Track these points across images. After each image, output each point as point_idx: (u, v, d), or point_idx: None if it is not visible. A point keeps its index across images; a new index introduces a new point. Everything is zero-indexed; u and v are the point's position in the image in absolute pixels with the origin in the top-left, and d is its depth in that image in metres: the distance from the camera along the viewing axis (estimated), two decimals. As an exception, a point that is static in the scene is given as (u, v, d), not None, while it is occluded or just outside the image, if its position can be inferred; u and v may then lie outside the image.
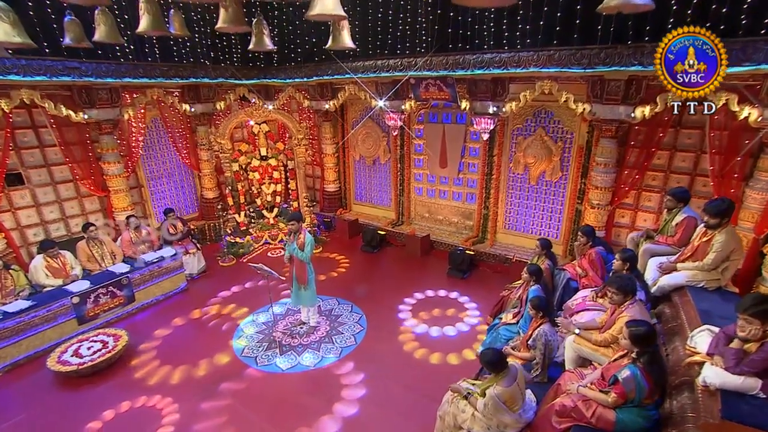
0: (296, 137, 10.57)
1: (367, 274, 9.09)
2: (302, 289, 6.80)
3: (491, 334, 6.34)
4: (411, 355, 6.53)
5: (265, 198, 10.91)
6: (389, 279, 8.77)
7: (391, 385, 5.91)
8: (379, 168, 11.00)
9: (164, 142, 10.37)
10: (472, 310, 7.65)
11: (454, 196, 9.95)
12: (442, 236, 9.95)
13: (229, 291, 8.52)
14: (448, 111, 9.48)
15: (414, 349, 6.67)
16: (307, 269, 6.71)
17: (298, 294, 6.85)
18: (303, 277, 6.71)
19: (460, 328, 7.18)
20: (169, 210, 9.02)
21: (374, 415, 5.38)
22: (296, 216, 6.61)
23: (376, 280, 8.83)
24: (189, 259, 8.89)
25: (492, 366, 4.27)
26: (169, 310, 7.94)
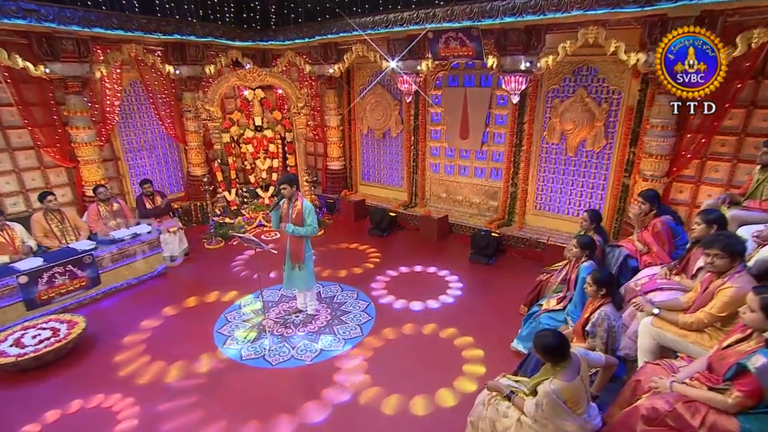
0: (296, 105, 9.67)
1: (380, 259, 8.19)
2: (297, 268, 5.85)
3: (529, 325, 5.43)
4: (429, 346, 5.58)
5: (260, 175, 10.08)
6: (401, 264, 7.81)
7: (405, 385, 4.93)
8: (390, 142, 10.18)
9: (145, 110, 9.55)
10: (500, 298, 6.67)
11: (477, 173, 9.07)
12: (461, 219, 9.05)
13: (215, 276, 7.65)
14: (471, 72, 8.60)
15: (434, 339, 5.69)
16: (305, 245, 5.79)
17: (291, 275, 5.93)
18: (299, 254, 5.79)
19: (488, 319, 6.22)
20: (146, 181, 8.18)
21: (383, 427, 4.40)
22: (290, 178, 5.68)
23: (385, 264, 7.92)
24: (169, 239, 8.01)
25: (551, 353, 3.30)
26: (144, 296, 7.06)
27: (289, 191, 5.62)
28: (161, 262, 7.73)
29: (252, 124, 9.78)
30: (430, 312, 6.40)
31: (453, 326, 6.02)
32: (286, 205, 5.72)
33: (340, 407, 4.66)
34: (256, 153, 9.90)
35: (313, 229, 5.67)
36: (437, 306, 6.55)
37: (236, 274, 7.72)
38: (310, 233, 5.68)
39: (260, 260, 5.72)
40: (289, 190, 5.62)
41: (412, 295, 6.78)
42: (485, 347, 5.58)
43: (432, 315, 6.33)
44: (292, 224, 5.62)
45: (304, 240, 5.79)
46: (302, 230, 5.62)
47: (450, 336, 5.83)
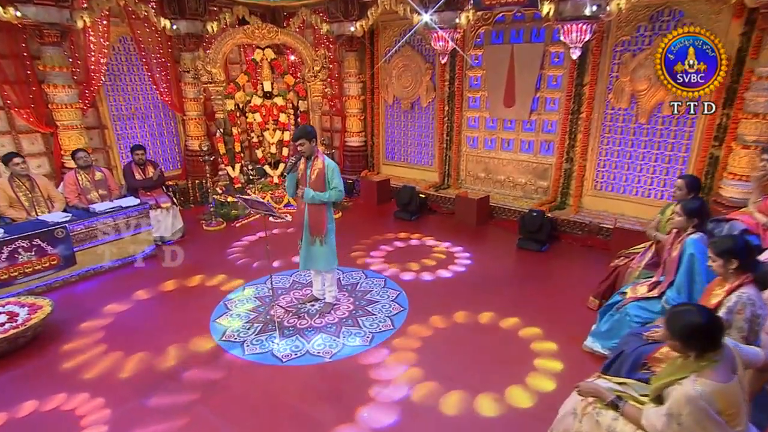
0: (311, 69, 8.92)
1: (406, 247, 7.37)
2: (318, 243, 5.03)
3: (609, 318, 4.56)
4: (480, 345, 4.73)
5: (268, 149, 9.28)
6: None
7: (459, 382, 4.05)
8: (420, 114, 9.42)
9: (137, 71, 8.78)
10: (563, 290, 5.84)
11: (523, 147, 8.25)
12: (504, 202, 8.24)
13: (213, 259, 6.87)
14: (519, 25, 7.77)
15: (484, 338, 4.83)
16: (327, 214, 5.01)
17: (310, 252, 5.12)
18: (319, 225, 5.00)
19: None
20: (139, 147, 7.42)
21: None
22: (308, 131, 4.86)
23: (419, 250, 7.12)
24: (161, 216, 7.27)
25: (700, 337, 2.43)
26: (128, 279, 6.29)
27: (308, 148, 4.82)
28: (150, 243, 6.95)
29: (260, 89, 9.02)
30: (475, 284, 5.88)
31: (514, 316, 5.17)
32: (304, 164, 4.93)
33: (380, 409, 3.76)
34: (264, 123, 9.13)
35: (339, 193, 4.90)
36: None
37: (241, 257, 6.93)
38: (335, 198, 4.91)
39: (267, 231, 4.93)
40: (308, 147, 4.82)
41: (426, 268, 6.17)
42: (556, 340, 4.76)
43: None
44: (311, 188, 4.81)
45: (326, 208, 5.00)
46: (324, 195, 4.84)
47: (512, 326, 4.99)
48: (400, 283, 6.07)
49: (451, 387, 4.09)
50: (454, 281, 6.15)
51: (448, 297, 5.70)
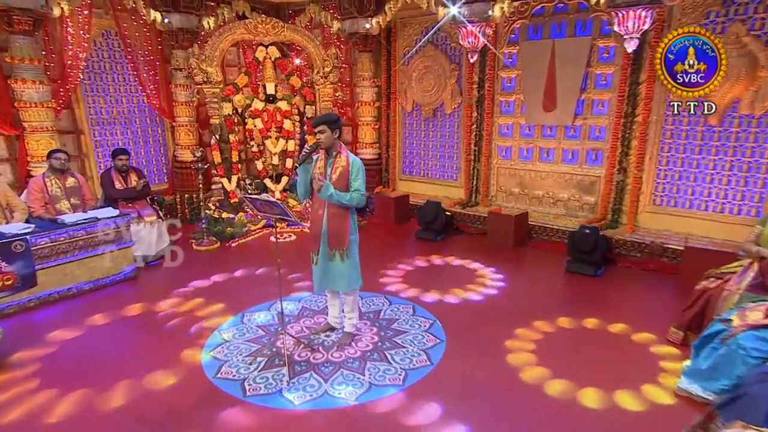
0: (321, 69, 8.53)
1: (433, 269, 6.73)
2: (337, 257, 4.39)
3: (711, 353, 3.89)
4: (533, 387, 4.00)
5: (269, 160, 8.78)
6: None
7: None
8: (443, 121, 8.99)
9: (121, 70, 8.31)
10: (632, 323, 5.09)
11: (566, 157, 7.72)
12: (545, 220, 7.68)
13: (207, 281, 6.21)
14: (561, 18, 7.30)
15: (539, 378, 4.11)
16: (350, 222, 4.40)
17: (328, 269, 4.46)
18: (341, 235, 4.37)
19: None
20: (122, 151, 6.84)
21: None
22: (331, 118, 4.30)
23: (448, 274, 6.50)
24: (144, 232, 6.62)
25: None
26: (101, 304, 5.57)
27: (328, 138, 4.21)
28: (130, 262, 6.28)
29: (262, 92, 8.56)
30: (526, 312, 5.22)
31: (545, 365, 4.39)
32: (323, 160, 4.34)
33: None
34: (265, 131, 8.62)
35: (360, 197, 4.30)
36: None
37: (239, 281, 6.29)
38: (356, 203, 4.31)
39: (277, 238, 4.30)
40: (329, 136, 4.21)
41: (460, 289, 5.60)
42: (635, 381, 4.01)
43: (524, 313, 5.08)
44: (331, 186, 4.21)
45: (349, 214, 4.39)
46: (345, 196, 4.23)
47: (538, 378, 4.17)
48: (432, 310, 5.38)
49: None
50: (497, 309, 5.46)
51: (491, 328, 5.00)
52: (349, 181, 4.25)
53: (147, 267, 6.61)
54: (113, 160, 6.76)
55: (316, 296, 5.61)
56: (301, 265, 6.20)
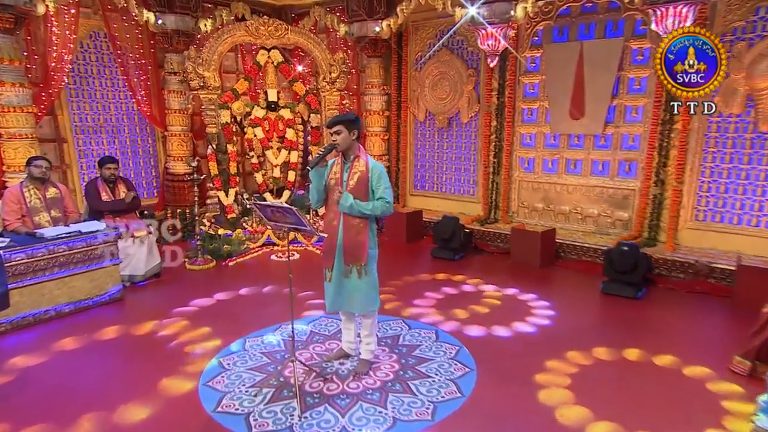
0: (327, 75, 8.33)
1: (454, 292, 6.44)
2: (354, 274, 4.11)
3: None
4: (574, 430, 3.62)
5: (270, 172, 8.52)
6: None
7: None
8: (459, 131, 8.87)
9: (110, 75, 8.23)
10: (679, 353, 4.74)
11: (595, 168, 7.52)
12: (573, 238, 7.45)
13: (203, 302, 5.91)
14: (590, 18, 7.18)
15: (579, 420, 3.73)
16: (368, 234, 4.11)
17: (343, 287, 4.16)
18: (358, 249, 4.08)
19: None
20: (110, 159, 6.58)
21: None
22: (349, 117, 4.08)
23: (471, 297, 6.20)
24: (132, 248, 6.32)
25: None
26: (77, 327, 5.23)
27: (346, 139, 3.97)
28: (116, 281, 5.95)
29: (263, 99, 8.34)
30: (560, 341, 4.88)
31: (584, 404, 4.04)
32: (339, 164, 4.10)
33: None
34: (266, 141, 8.36)
35: (386, 206, 4.03)
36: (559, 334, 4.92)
37: (242, 302, 5.99)
38: (381, 212, 4.03)
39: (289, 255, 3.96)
40: (346, 137, 3.97)
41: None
42: (699, 419, 3.66)
43: (564, 342, 4.74)
44: (351, 195, 3.97)
45: (368, 226, 4.10)
46: (367, 206, 3.98)
47: (579, 420, 3.78)
48: (458, 336, 5.05)
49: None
50: (529, 335, 5.14)
51: (526, 356, 4.67)
52: (370, 189, 4.01)
53: (134, 288, 6.30)
54: (100, 168, 6.47)
55: (327, 319, 5.31)
56: (307, 285, 5.98)
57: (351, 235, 4.03)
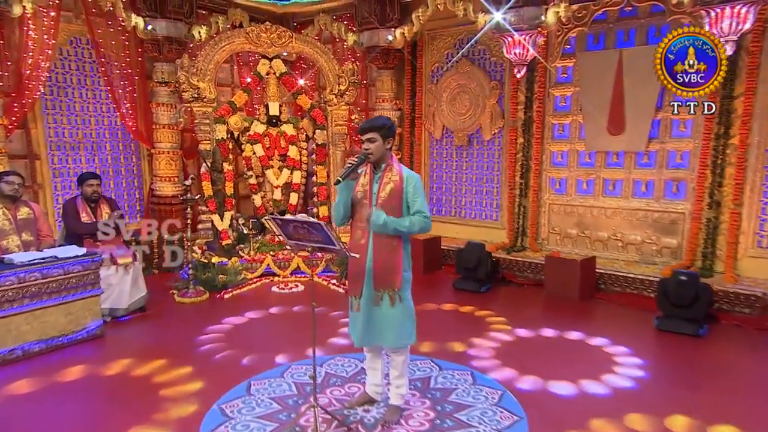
0: (335, 87, 8.22)
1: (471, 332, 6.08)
2: (385, 302, 3.81)
3: None
4: None
5: (270, 194, 8.38)
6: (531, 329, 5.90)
7: None
8: (480, 150, 8.80)
9: (91, 85, 8.09)
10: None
11: (638, 190, 7.36)
12: (614, 268, 7.21)
13: (197, 339, 5.61)
14: (629, 24, 7.10)
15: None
16: (403, 256, 3.84)
17: (372, 316, 3.85)
18: (392, 272, 3.80)
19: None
20: (92, 176, 6.33)
21: None
22: (383, 122, 3.86)
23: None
24: (115, 278, 6.01)
25: None
26: (54, 369, 4.86)
27: (379, 148, 3.76)
28: (96, 316, 5.59)
29: (264, 113, 8.21)
30: (621, 396, 4.44)
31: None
32: (368, 175, 3.85)
33: None
34: (267, 159, 8.21)
35: (424, 221, 3.78)
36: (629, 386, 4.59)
37: (234, 339, 5.62)
38: (419, 229, 3.79)
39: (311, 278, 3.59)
40: (380, 146, 3.76)
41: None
42: None
43: (626, 402, 4.33)
44: (383, 212, 3.70)
45: (402, 245, 3.82)
46: (404, 222, 3.72)
47: None
48: (499, 378, 4.69)
49: None
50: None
51: (581, 401, 4.35)
52: (403, 202, 3.75)
53: (116, 324, 5.97)
54: (81, 186, 6.20)
55: (344, 359, 4.97)
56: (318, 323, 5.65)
57: (383, 256, 3.74)
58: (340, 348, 5.22)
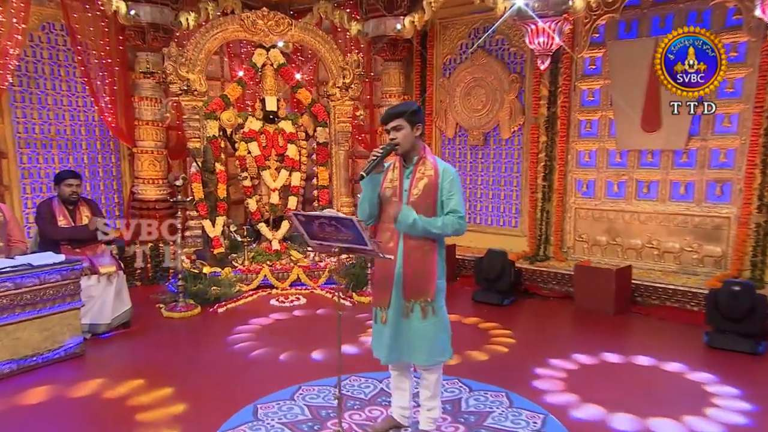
0: (339, 80, 8.16)
1: (525, 351, 5.92)
2: (416, 313, 3.66)
3: None
4: None
5: (267, 198, 8.20)
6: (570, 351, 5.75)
7: None
8: (498, 150, 8.79)
9: (66, 76, 8.09)
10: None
11: (675, 192, 7.31)
12: (651, 278, 7.10)
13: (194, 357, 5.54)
14: (667, 9, 7.07)
15: None
16: (437, 259, 3.70)
17: (401, 329, 3.68)
18: (425, 278, 3.66)
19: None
20: (71, 174, 6.17)
21: None
22: (412, 107, 3.72)
23: (532, 348, 5.87)
24: (96, 289, 5.83)
25: None
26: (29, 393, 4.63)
27: (407, 137, 3.60)
28: (76, 332, 5.37)
29: (260, 108, 8.10)
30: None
31: None
32: (397, 169, 3.72)
33: None
34: (263, 159, 8.06)
35: (459, 222, 3.61)
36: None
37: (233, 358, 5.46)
38: (452, 231, 3.61)
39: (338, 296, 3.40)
40: (407, 134, 3.59)
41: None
42: None
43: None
44: (413, 210, 3.56)
45: (436, 248, 3.67)
46: (436, 222, 3.56)
47: None
48: (538, 400, 4.52)
49: None
50: (635, 402, 4.58)
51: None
52: (438, 199, 3.58)
53: (97, 341, 5.75)
54: (58, 186, 6.01)
55: (360, 378, 4.77)
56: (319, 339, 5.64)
57: (414, 261, 3.56)
58: (353, 366, 4.97)
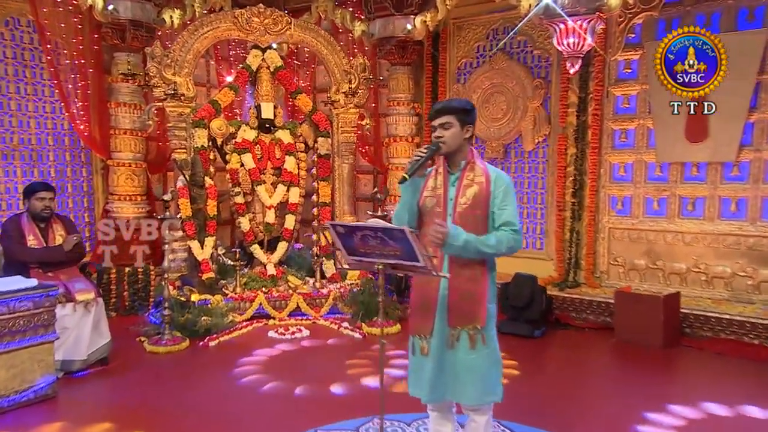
0: (341, 85, 8.22)
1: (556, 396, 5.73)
2: (464, 342, 3.44)
3: None
4: None
5: (261, 217, 8.13)
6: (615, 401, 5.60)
7: None
8: (520, 163, 8.90)
9: (32, 78, 8.12)
10: None
11: (725, 210, 7.28)
12: (700, 307, 6.97)
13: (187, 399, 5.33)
14: (713, 6, 7.09)
15: None
16: (488, 280, 3.44)
17: (446, 362, 3.46)
18: (473, 304, 3.43)
19: None
20: (43, 186, 6.06)
21: None
22: (461, 105, 3.59)
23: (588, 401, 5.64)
24: (71, 319, 5.59)
25: None
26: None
27: (456, 136, 3.42)
28: (49, 369, 5.13)
29: (254, 116, 8.02)
30: None
31: None
32: (440, 175, 3.53)
33: None
34: (258, 172, 7.99)
35: (514, 237, 3.37)
36: None
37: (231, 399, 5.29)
38: (506, 248, 3.37)
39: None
40: (456, 134, 3.42)
41: None
42: None
43: None
44: (459, 227, 3.37)
45: (487, 269, 3.43)
46: (489, 240, 3.33)
47: None
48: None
49: None
50: None
51: None
52: (489, 210, 3.37)
53: (70, 381, 5.50)
54: (28, 199, 5.81)
55: (389, 421, 4.51)
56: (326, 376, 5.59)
57: (461, 283, 3.33)
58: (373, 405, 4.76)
